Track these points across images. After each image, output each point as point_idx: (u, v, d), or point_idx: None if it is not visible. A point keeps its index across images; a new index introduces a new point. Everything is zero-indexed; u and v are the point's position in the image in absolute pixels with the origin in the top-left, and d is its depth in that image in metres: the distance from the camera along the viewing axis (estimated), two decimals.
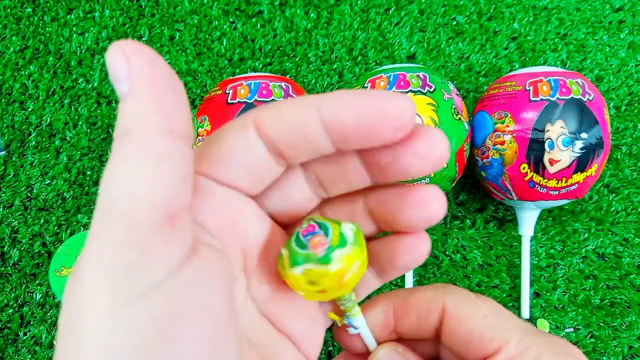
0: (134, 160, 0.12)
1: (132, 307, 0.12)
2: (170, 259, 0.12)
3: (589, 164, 0.31)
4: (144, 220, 0.12)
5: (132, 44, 0.12)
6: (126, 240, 0.12)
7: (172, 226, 0.12)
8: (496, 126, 0.32)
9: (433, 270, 0.37)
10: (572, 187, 0.31)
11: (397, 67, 0.33)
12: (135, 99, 0.12)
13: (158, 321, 0.12)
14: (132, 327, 0.12)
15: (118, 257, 0.12)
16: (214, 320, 0.13)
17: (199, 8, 0.42)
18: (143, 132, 0.12)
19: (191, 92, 0.40)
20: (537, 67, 0.33)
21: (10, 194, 0.38)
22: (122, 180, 0.12)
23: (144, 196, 0.12)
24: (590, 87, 0.32)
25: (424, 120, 0.30)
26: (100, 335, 0.11)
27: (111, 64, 0.12)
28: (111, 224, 0.12)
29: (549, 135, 0.30)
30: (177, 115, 0.13)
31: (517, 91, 0.32)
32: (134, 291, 0.12)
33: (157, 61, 0.12)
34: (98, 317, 0.11)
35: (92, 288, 0.12)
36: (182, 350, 0.12)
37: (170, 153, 0.12)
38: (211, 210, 0.16)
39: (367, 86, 0.32)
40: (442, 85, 0.32)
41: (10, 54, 0.41)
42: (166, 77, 0.13)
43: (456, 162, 0.32)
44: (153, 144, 0.12)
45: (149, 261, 0.12)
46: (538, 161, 0.31)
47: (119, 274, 0.12)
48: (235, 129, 0.16)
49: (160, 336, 0.12)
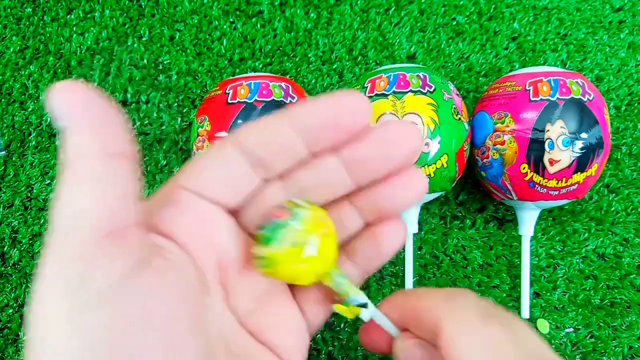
0: (75, 184, 0.14)
1: (84, 315, 0.13)
2: (116, 270, 0.14)
3: (589, 164, 0.31)
4: (87, 237, 0.13)
5: (69, 85, 0.14)
6: (73, 256, 0.13)
7: (116, 240, 0.14)
8: (496, 126, 0.32)
9: (433, 270, 0.37)
10: (572, 187, 0.31)
11: (397, 67, 0.33)
12: (74, 131, 0.14)
13: (109, 327, 0.13)
14: (86, 333, 0.13)
15: (68, 271, 0.13)
16: (167, 328, 0.14)
17: (199, 8, 0.42)
18: (81, 159, 0.14)
19: (191, 92, 0.40)
20: (537, 67, 0.33)
21: (10, 194, 0.38)
22: (66, 203, 0.14)
23: (85, 216, 0.13)
24: (590, 87, 0.32)
25: (424, 121, 0.30)
26: (58, 342, 0.13)
27: (52, 106, 0.14)
28: (59, 243, 0.13)
29: (549, 135, 0.30)
30: (114, 139, 0.14)
31: (517, 91, 0.32)
32: (84, 300, 0.13)
33: (92, 96, 0.14)
34: (55, 325, 0.13)
35: (48, 300, 0.13)
36: (134, 355, 0.13)
37: (109, 174, 0.14)
38: (186, 222, 0.17)
39: (367, 86, 0.32)
40: (442, 85, 0.32)
41: (10, 54, 0.41)
42: (101, 107, 0.14)
43: (456, 162, 0.32)
44: (91, 168, 0.14)
45: (95, 273, 0.13)
46: (538, 161, 0.31)
47: (71, 286, 0.13)
48: (214, 147, 0.18)
49: (113, 342, 0.13)
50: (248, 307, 0.18)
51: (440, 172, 0.31)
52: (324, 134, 0.17)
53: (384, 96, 0.31)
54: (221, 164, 0.17)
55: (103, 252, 0.13)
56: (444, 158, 0.31)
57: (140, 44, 0.41)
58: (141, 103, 0.40)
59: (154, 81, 0.40)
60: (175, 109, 0.40)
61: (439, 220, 0.38)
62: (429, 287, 0.34)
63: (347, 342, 0.36)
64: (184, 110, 0.40)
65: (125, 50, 0.41)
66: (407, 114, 0.30)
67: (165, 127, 0.40)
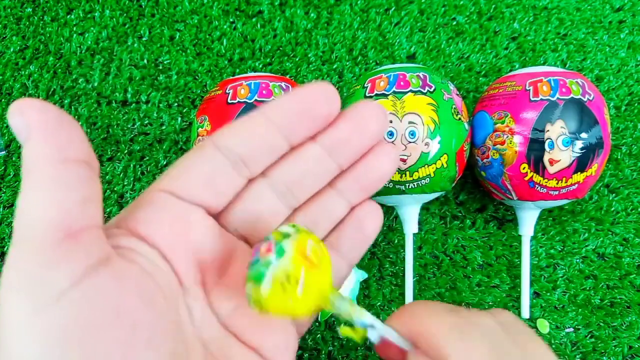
0: (32, 190, 0.14)
1: (43, 315, 0.13)
2: (74, 271, 0.14)
3: (589, 164, 0.31)
4: (43, 240, 0.14)
5: (25, 102, 0.14)
6: (30, 259, 0.14)
7: (73, 242, 0.14)
8: (496, 126, 0.32)
9: (433, 270, 0.37)
10: (572, 187, 0.31)
11: (397, 67, 0.32)
12: (31, 143, 0.14)
13: (67, 326, 0.13)
14: (46, 332, 0.13)
15: (25, 274, 0.13)
16: (127, 327, 0.14)
17: (199, 8, 0.42)
18: (37, 165, 0.14)
19: (191, 92, 0.40)
20: (537, 67, 0.33)
21: (10, 194, 0.38)
22: (24, 209, 0.14)
23: (41, 220, 0.14)
24: (590, 87, 0.32)
25: (424, 120, 0.30)
26: (19, 341, 0.13)
27: (11, 123, 0.14)
28: (18, 247, 0.14)
29: (549, 135, 0.30)
30: (69, 145, 0.15)
31: (517, 91, 0.32)
32: (42, 303, 0.13)
33: (47, 108, 0.15)
34: (16, 324, 0.13)
35: (9, 304, 0.13)
36: (92, 353, 0.13)
37: (64, 179, 0.14)
38: (162, 223, 0.17)
39: (367, 86, 0.32)
40: (442, 85, 0.32)
41: (10, 54, 0.41)
42: (55, 117, 0.15)
43: (456, 162, 0.32)
44: (46, 173, 0.14)
45: (51, 275, 0.13)
46: (538, 161, 0.31)
47: (28, 289, 0.13)
48: (194, 149, 0.18)
49: (71, 340, 0.13)
50: (230, 306, 0.18)
51: (440, 172, 0.31)
52: (301, 125, 0.18)
53: (384, 96, 0.31)
54: (201, 165, 0.18)
55: (59, 254, 0.14)
56: (444, 158, 0.31)
57: (140, 44, 0.41)
58: (141, 103, 0.40)
59: (154, 81, 0.40)
60: (175, 109, 0.40)
61: (439, 220, 0.38)
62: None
63: (347, 342, 0.36)
64: (184, 110, 0.40)
65: (125, 50, 0.41)
66: (407, 113, 0.30)
67: (165, 127, 0.40)
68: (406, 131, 0.30)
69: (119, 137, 0.39)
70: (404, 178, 0.31)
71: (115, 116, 0.40)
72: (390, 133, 0.30)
